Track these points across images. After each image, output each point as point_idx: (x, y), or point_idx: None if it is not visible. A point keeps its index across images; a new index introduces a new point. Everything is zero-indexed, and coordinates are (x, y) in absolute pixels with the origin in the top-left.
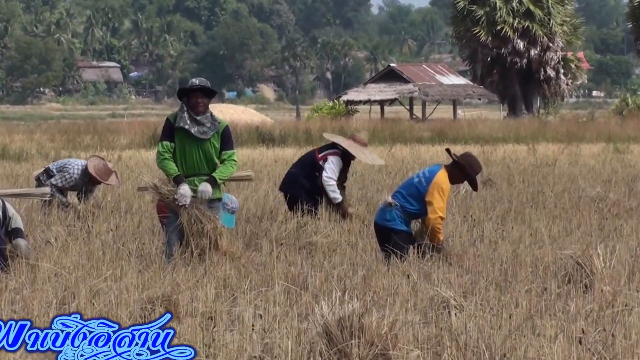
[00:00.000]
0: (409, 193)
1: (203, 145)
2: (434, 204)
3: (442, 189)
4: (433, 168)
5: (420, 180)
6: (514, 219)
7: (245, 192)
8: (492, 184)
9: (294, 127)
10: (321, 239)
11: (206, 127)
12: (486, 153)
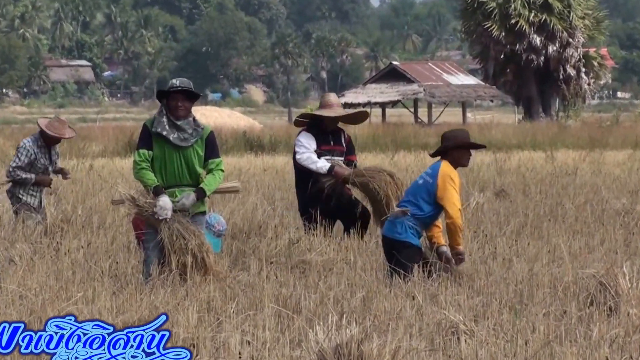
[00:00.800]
0: (417, 196)
1: (185, 153)
2: (447, 197)
3: (451, 178)
4: (434, 165)
5: (425, 180)
6: (530, 235)
7: (231, 205)
8: (505, 196)
9: (286, 133)
10: (316, 257)
11: (187, 133)
12: (499, 161)
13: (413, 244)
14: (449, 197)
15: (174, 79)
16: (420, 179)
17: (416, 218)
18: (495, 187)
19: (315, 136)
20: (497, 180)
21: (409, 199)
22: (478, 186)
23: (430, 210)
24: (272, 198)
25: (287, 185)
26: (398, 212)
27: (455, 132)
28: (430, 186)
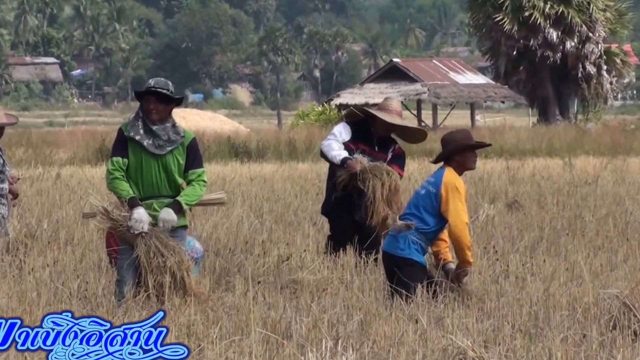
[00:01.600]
0: (420, 208)
1: (163, 161)
2: (450, 207)
3: (456, 187)
4: (436, 173)
5: (428, 190)
6: (546, 251)
7: (214, 219)
8: (518, 207)
9: (275, 138)
10: (308, 275)
11: (162, 139)
12: (512, 169)
13: (417, 261)
14: (454, 209)
15: (152, 79)
16: (423, 189)
17: (420, 232)
18: (507, 197)
19: (355, 131)
20: (510, 190)
21: (411, 211)
22: (488, 197)
23: (435, 223)
24: (260, 210)
25: (276, 195)
26: (401, 225)
27: (455, 133)
28: (433, 197)
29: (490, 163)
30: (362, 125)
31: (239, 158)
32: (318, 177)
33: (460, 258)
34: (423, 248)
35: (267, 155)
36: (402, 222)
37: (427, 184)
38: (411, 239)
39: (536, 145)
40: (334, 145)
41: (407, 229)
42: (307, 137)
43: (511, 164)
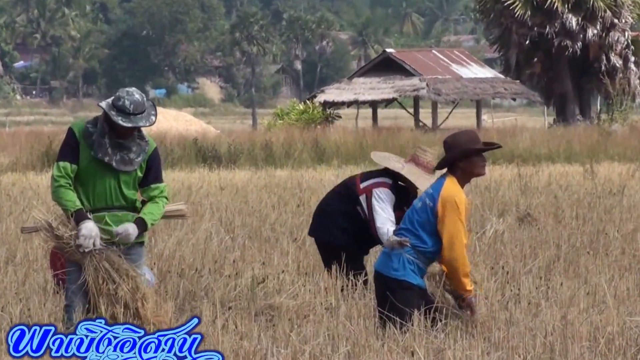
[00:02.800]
0: (415, 224)
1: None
2: (446, 226)
3: (455, 202)
4: (436, 183)
5: (425, 203)
6: (564, 272)
7: (178, 234)
8: (532, 221)
9: (249, 140)
10: (287, 300)
11: (132, 152)
12: (524, 176)
13: (413, 283)
14: (449, 228)
15: (123, 93)
16: (419, 202)
17: (418, 251)
18: (519, 210)
19: (396, 201)
20: (522, 201)
21: (406, 226)
22: (497, 209)
23: (434, 242)
24: (231, 224)
25: (250, 207)
26: (394, 242)
27: (459, 135)
28: (430, 211)
29: (499, 170)
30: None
31: (208, 164)
32: (299, 185)
33: (457, 286)
34: (421, 269)
35: (239, 161)
36: (395, 238)
37: (425, 195)
38: (406, 258)
39: (552, 149)
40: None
41: (401, 247)
42: (287, 139)
43: (523, 171)
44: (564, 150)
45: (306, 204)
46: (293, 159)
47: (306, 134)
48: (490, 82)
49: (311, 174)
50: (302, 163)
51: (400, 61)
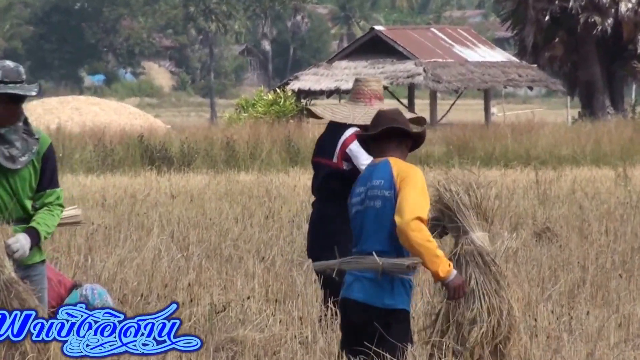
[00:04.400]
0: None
1: (15, 176)
2: (409, 200)
3: (411, 177)
4: (378, 170)
5: (384, 198)
6: (591, 299)
7: (120, 252)
8: (552, 237)
9: (206, 138)
10: (253, 333)
11: (15, 147)
12: (543, 183)
13: (408, 311)
14: (411, 199)
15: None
16: (375, 201)
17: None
18: (536, 223)
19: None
20: (540, 212)
21: (378, 238)
22: (509, 222)
23: None
24: (185, 240)
25: (207, 219)
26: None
27: (388, 114)
28: (394, 202)
29: (512, 174)
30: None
31: (156, 166)
32: (267, 193)
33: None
34: (407, 290)
35: (195, 163)
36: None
37: (378, 190)
38: (400, 280)
39: (577, 149)
40: None
41: (409, 270)
42: (253, 136)
43: (542, 175)
44: (592, 151)
45: (276, 215)
46: (260, 160)
47: (276, 130)
48: (502, 67)
49: (282, 179)
50: (271, 165)
51: (391, 41)
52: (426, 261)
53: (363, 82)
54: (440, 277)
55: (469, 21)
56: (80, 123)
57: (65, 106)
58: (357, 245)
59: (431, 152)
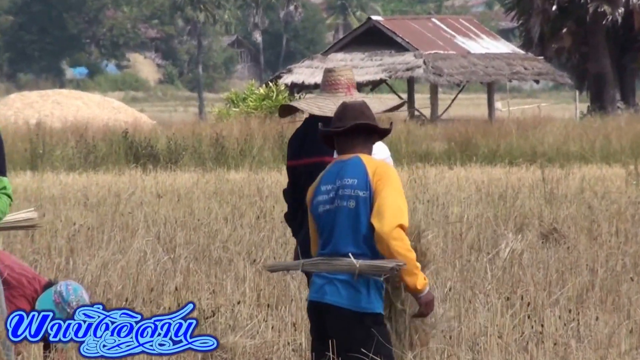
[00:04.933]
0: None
1: None
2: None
3: (389, 178)
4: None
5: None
6: (600, 303)
7: (103, 254)
8: (559, 239)
9: (194, 134)
10: (244, 340)
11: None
12: (549, 181)
13: (383, 314)
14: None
15: None
16: (349, 201)
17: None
18: (543, 224)
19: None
20: (546, 212)
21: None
22: (514, 223)
23: None
24: (172, 242)
25: (196, 220)
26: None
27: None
28: (369, 204)
29: (517, 172)
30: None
31: (141, 164)
32: (258, 192)
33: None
34: (380, 291)
35: (182, 160)
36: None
37: (351, 189)
38: (374, 282)
39: (586, 146)
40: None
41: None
42: (243, 132)
43: (549, 174)
44: (601, 148)
45: (268, 215)
46: (251, 157)
47: (268, 126)
48: (507, 60)
49: (274, 177)
50: (262, 163)
51: (389, 32)
52: (405, 271)
53: (338, 71)
54: (417, 289)
55: (472, 11)
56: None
57: (45, 100)
58: (325, 246)
59: (432, 150)
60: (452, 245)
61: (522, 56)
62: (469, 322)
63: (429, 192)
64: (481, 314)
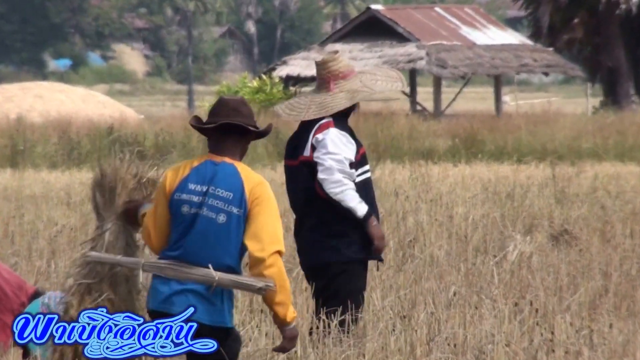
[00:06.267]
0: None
1: None
2: (268, 230)
3: (267, 199)
4: (228, 177)
5: (229, 214)
6: (614, 309)
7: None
8: (570, 241)
9: (184, 129)
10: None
11: None
12: (560, 179)
13: (234, 328)
14: (270, 225)
15: None
16: (219, 215)
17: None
18: (553, 225)
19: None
20: (557, 213)
21: (215, 254)
22: (522, 224)
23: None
24: None
25: None
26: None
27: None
28: (243, 221)
29: (526, 170)
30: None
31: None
32: None
33: (284, 312)
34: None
35: (171, 157)
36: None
37: (223, 202)
38: (227, 295)
39: (599, 142)
40: (346, 190)
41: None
42: None
43: (559, 172)
44: (615, 145)
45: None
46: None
47: (262, 120)
48: (514, 51)
49: (269, 175)
50: (256, 160)
51: (390, 22)
52: (279, 301)
53: (320, 64)
54: (286, 321)
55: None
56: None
57: (27, 93)
58: (177, 248)
59: (435, 147)
60: (457, 248)
61: (531, 47)
62: (475, 329)
63: (432, 191)
64: (487, 320)
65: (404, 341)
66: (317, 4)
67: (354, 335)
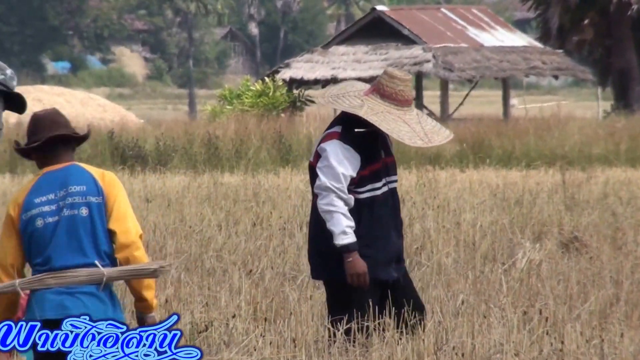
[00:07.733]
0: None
1: None
2: (128, 213)
3: (117, 183)
4: (75, 174)
5: (90, 204)
6: (625, 319)
7: None
8: (581, 248)
9: (186, 133)
10: (239, 356)
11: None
12: (570, 185)
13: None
14: (126, 209)
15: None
16: (80, 209)
17: None
18: (563, 232)
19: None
20: (567, 219)
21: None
22: (531, 230)
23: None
24: (162, 251)
25: (187, 227)
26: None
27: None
28: (104, 212)
29: (535, 176)
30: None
31: (128, 166)
32: (255, 197)
33: (151, 298)
34: (117, 300)
35: (172, 162)
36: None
37: (81, 196)
38: (114, 293)
39: (610, 147)
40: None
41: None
42: (238, 132)
43: (569, 177)
44: (627, 150)
45: (265, 222)
46: (247, 159)
47: (265, 124)
48: (523, 53)
49: (272, 181)
50: (259, 165)
51: (396, 23)
52: (147, 284)
53: (405, 81)
54: (152, 306)
55: (485, 0)
56: None
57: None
58: (51, 260)
59: (442, 152)
60: (465, 255)
61: (540, 50)
62: (483, 339)
63: (440, 197)
64: (496, 329)
65: (411, 350)
66: (321, 5)
67: (360, 344)
